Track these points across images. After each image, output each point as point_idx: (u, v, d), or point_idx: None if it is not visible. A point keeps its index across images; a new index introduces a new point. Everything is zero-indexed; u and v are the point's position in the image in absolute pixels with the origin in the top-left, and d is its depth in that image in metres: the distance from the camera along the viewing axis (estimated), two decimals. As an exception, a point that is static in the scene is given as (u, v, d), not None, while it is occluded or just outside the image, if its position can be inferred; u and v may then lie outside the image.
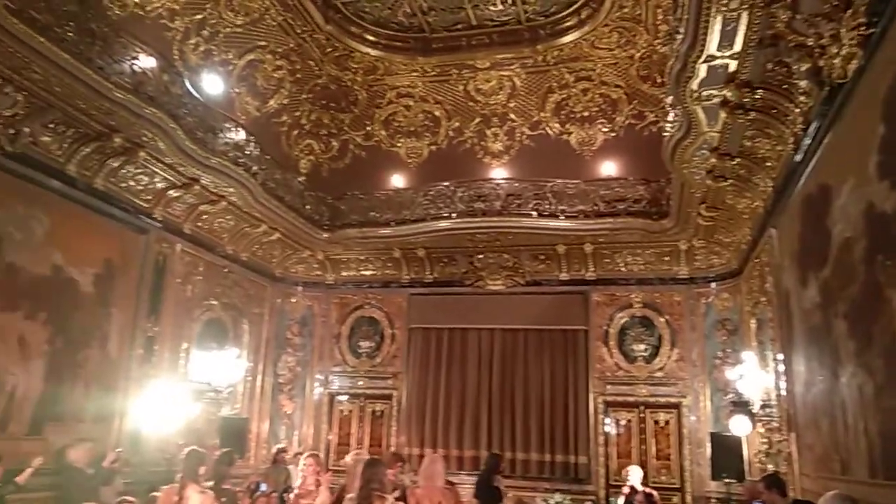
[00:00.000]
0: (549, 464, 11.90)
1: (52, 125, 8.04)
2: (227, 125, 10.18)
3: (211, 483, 5.88)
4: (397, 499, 5.61)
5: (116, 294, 9.35)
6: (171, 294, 10.31)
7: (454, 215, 11.94)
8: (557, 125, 12.89)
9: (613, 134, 12.61)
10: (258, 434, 12.33)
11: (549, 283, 12.55)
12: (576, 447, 11.81)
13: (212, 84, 10.97)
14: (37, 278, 8.11)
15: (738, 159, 7.82)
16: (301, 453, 10.43)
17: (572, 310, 12.34)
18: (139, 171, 9.26)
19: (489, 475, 8.63)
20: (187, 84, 9.47)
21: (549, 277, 12.55)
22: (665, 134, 8.30)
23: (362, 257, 13.29)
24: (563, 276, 12.46)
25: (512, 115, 13.06)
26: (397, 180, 13.54)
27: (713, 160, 7.95)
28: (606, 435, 11.75)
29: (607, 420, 11.82)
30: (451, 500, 6.37)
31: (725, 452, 9.80)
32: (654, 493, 9.03)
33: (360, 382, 13.14)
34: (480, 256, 12.63)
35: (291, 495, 6.35)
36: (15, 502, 6.38)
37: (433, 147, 13.55)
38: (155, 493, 7.37)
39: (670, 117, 7.95)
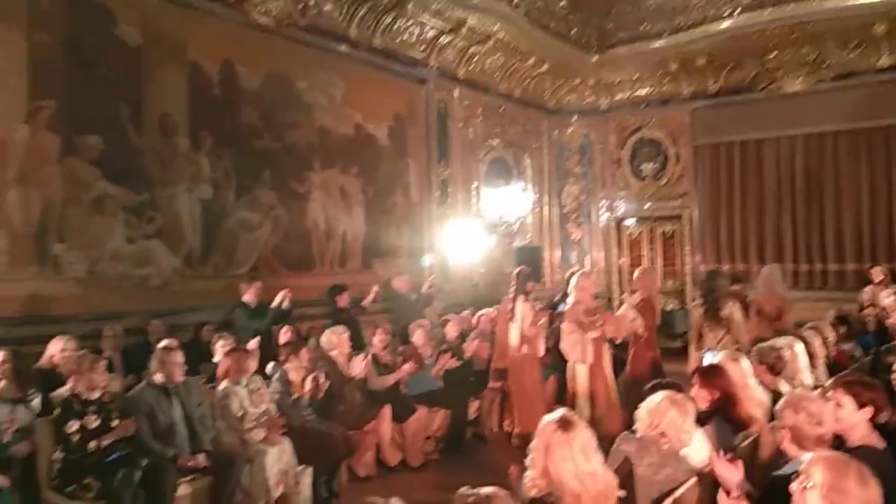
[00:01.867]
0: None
1: (331, -7, 8.72)
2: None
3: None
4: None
5: (409, 145, 10.26)
6: (455, 139, 10.99)
7: (738, 12, 10.53)
8: None
9: None
10: (551, 261, 13.04)
11: (863, 73, 10.68)
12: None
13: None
14: (343, 137, 9.22)
15: None
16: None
17: (894, 102, 10.45)
18: (410, 23, 9.69)
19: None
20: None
21: (864, 67, 10.67)
22: None
23: (636, 76, 12.59)
24: (883, 61, 10.50)
25: None
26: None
27: None
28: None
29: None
30: (788, 306, 6.94)
31: None
32: None
33: (647, 205, 12.95)
34: (773, 55, 11.13)
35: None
36: (364, 322, 7.73)
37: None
38: (464, 312, 8.43)
39: None
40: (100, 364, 4.52)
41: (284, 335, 6.41)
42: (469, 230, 10.45)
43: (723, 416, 3.65)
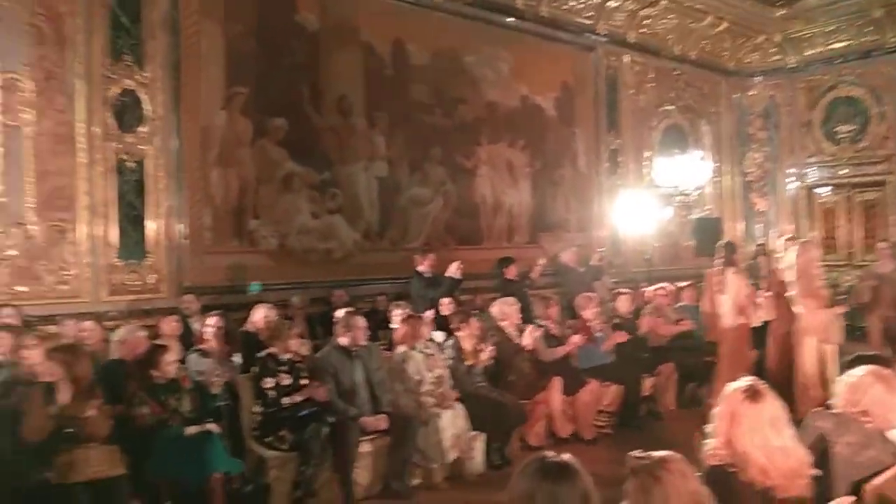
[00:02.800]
0: None
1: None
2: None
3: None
4: None
5: (577, 114, 10.03)
6: (625, 106, 10.58)
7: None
8: None
9: None
10: (733, 233, 12.19)
11: None
12: None
13: None
14: (510, 110, 9.21)
15: None
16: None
17: None
18: (577, -11, 9.44)
19: None
20: None
21: None
22: None
23: (830, 28, 11.33)
24: None
25: None
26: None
27: None
28: None
29: None
30: None
31: None
32: None
33: (843, 171, 11.69)
34: None
35: None
36: (532, 295, 7.70)
37: None
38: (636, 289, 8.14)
39: None
40: (294, 331, 4.93)
41: (448, 307, 6.56)
42: (641, 201, 10.01)
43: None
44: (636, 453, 2.00)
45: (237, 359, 5.27)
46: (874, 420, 2.77)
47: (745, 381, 2.51)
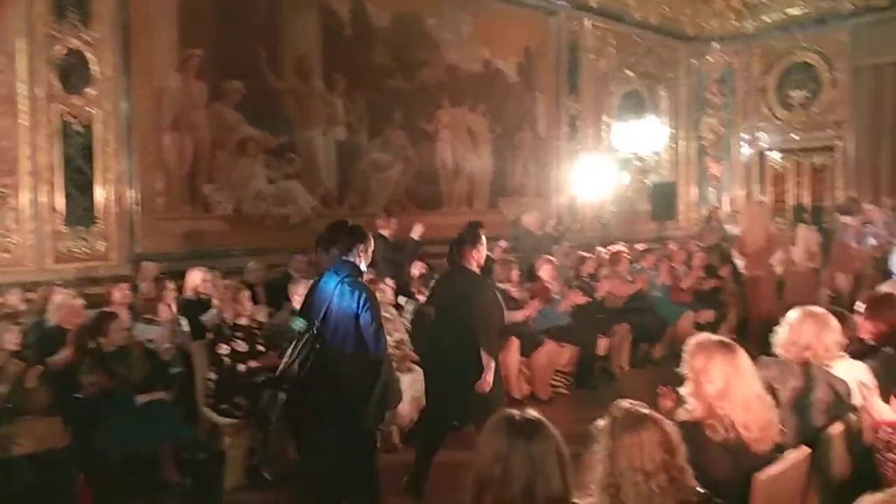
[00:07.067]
0: None
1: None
2: None
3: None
4: None
5: (538, 78, 10.00)
6: (586, 71, 10.58)
7: None
8: None
9: None
10: (687, 198, 12.41)
11: None
12: None
13: None
14: (472, 74, 9.13)
15: None
16: (737, 212, 10.45)
17: None
18: (538, -49, 9.34)
19: None
20: None
21: None
22: None
23: (788, -7, 11.47)
24: None
25: None
26: None
27: None
28: None
29: None
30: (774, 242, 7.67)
31: None
32: None
33: (794, 136, 11.93)
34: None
35: None
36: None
37: None
38: (592, 254, 8.25)
39: None
40: (242, 293, 4.85)
41: (417, 268, 6.58)
42: (600, 166, 10.11)
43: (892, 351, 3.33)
44: (622, 403, 2.04)
45: (185, 325, 5.21)
46: (815, 353, 2.88)
47: (711, 336, 2.56)
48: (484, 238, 4.31)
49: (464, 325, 3.97)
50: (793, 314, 3.03)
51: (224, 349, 4.55)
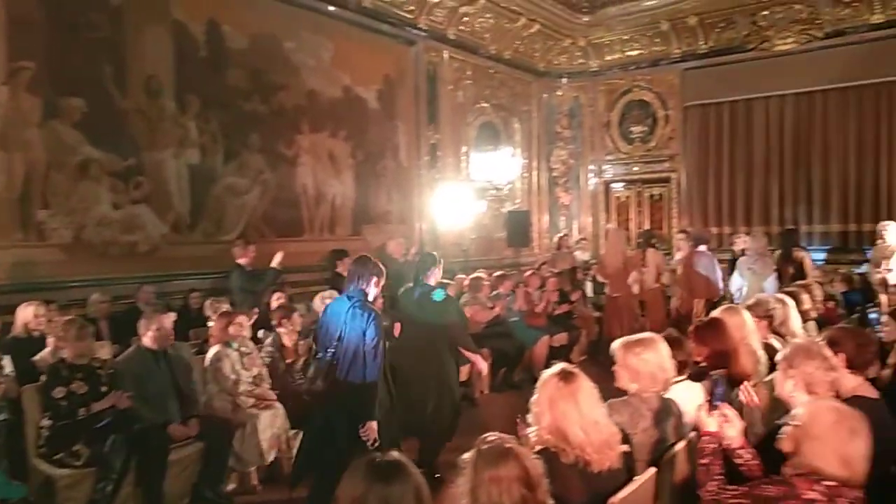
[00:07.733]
0: (854, 234, 10.86)
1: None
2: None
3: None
4: None
5: (398, 107, 10.12)
6: (445, 102, 10.85)
7: (729, -31, 10.38)
8: None
9: None
10: (539, 225, 13.01)
11: (855, 31, 10.58)
12: (889, 213, 10.50)
13: None
14: (332, 100, 9.07)
15: None
16: (584, 239, 11.13)
17: (886, 59, 10.36)
18: (400, -19, 9.50)
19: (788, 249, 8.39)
20: None
21: (856, 24, 10.57)
22: None
23: (626, 37, 12.44)
24: (877, 17, 10.39)
25: None
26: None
27: None
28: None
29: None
30: (632, 266, 8.52)
31: None
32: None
33: (635, 168, 12.92)
34: (765, 13, 11.02)
35: None
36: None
37: None
38: (456, 279, 8.40)
39: None
40: (87, 331, 4.47)
41: (277, 300, 6.39)
42: (459, 195, 10.38)
43: (721, 372, 3.61)
44: (488, 436, 2.08)
45: (9, 367, 4.69)
46: (650, 381, 3.05)
47: (556, 367, 2.69)
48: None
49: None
50: (615, 344, 3.17)
51: (60, 392, 4.14)
